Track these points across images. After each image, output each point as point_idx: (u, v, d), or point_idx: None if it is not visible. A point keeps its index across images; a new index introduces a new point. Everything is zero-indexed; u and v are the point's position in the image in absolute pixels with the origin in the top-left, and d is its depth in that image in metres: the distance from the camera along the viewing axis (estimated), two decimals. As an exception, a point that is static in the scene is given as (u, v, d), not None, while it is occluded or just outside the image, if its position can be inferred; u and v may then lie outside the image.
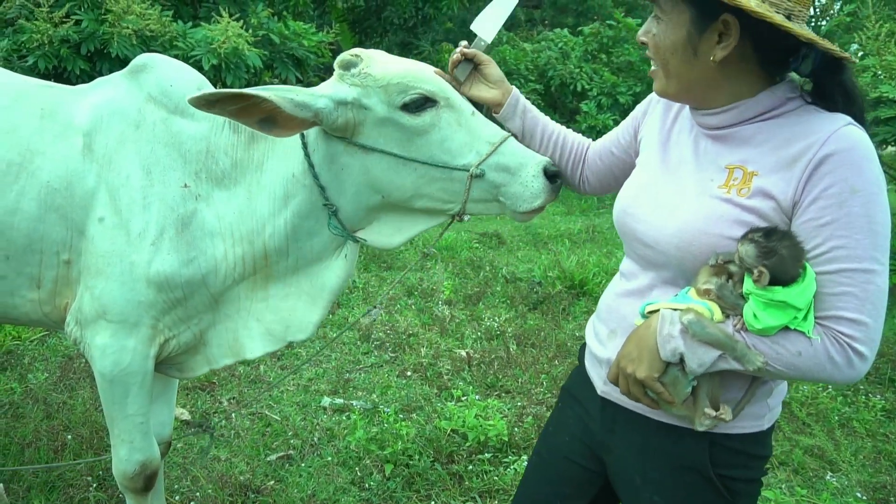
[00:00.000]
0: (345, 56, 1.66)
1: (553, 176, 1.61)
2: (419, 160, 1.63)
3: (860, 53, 6.17)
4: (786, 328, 1.15)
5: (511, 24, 14.59)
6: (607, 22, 10.73)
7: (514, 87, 1.72)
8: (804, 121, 1.22)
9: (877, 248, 1.15)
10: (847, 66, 1.24)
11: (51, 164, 1.72)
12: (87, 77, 5.94)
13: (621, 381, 1.31)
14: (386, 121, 1.62)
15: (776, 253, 1.11)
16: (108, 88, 1.83)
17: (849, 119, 1.20)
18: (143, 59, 1.86)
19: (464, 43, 1.71)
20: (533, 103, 1.76)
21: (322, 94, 1.59)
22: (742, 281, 1.17)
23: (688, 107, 1.38)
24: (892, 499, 2.79)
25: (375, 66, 1.64)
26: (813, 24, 26.12)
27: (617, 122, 9.51)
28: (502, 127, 1.69)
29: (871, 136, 3.35)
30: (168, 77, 1.81)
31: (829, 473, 2.96)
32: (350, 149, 1.65)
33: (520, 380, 3.68)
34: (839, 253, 1.13)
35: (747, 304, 1.16)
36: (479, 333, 4.32)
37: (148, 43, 5.90)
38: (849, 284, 1.13)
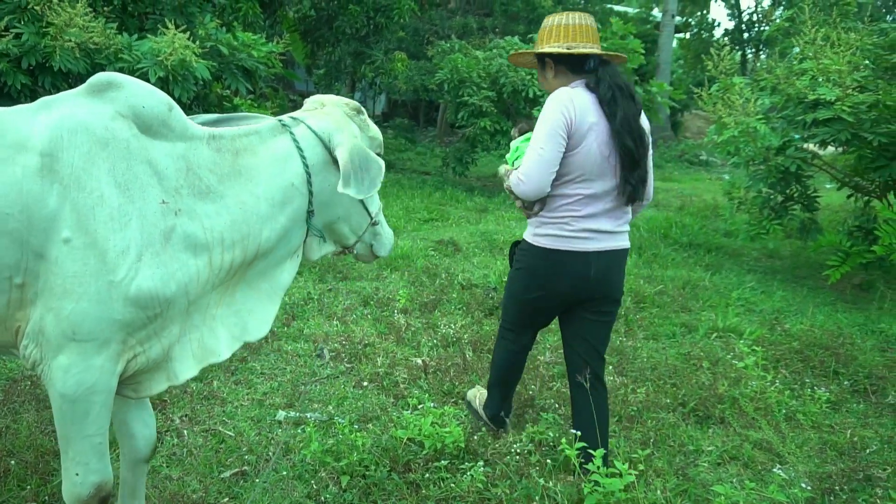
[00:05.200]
0: (357, 104, 2.25)
1: None
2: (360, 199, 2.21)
3: (800, 58, 6.37)
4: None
5: (463, 33, 14.69)
6: (557, 29, 10.88)
7: None
8: None
9: (537, 139, 2.55)
10: (600, 64, 2.64)
11: (0, 189, 1.64)
12: (28, 91, 5.78)
13: None
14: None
15: (521, 125, 3.02)
16: (65, 107, 1.77)
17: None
18: (105, 77, 1.83)
19: None
20: (486, 110, 3.77)
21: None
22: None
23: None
24: (836, 488, 2.87)
25: (369, 120, 2.28)
26: (756, 28, 26.66)
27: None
28: None
29: (811, 136, 4.33)
30: (140, 98, 1.82)
31: (778, 466, 3.04)
32: (337, 171, 2.05)
33: (476, 386, 3.69)
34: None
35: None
36: (435, 341, 4.33)
37: (92, 56, 5.78)
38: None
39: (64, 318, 1.68)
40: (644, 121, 2.69)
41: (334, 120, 2.12)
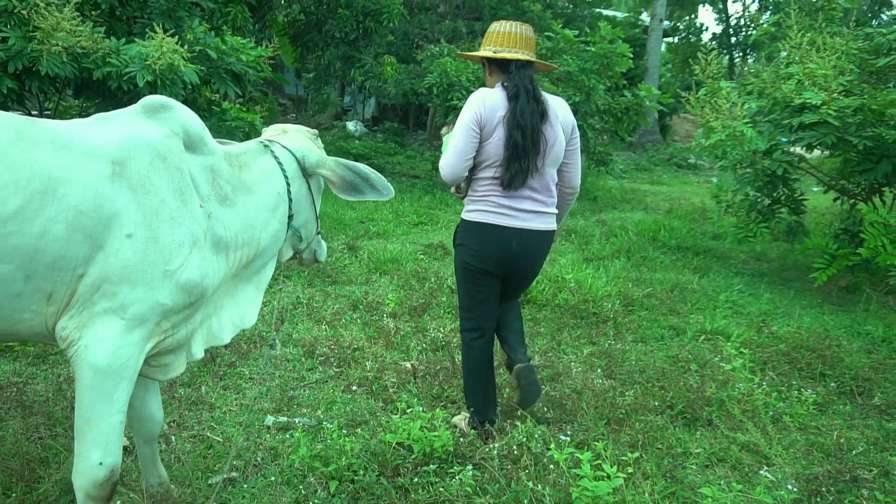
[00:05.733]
0: (315, 130, 2.74)
1: None
2: (315, 208, 2.65)
3: (786, 62, 6.43)
4: None
5: (452, 37, 14.72)
6: (546, 34, 10.89)
7: None
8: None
9: (454, 133, 2.95)
10: (518, 67, 2.99)
11: (78, 190, 1.86)
12: (15, 96, 5.75)
13: None
14: (319, 175, 2.62)
15: (450, 123, 3.23)
16: (126, 123, 2.07)
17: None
18: (157, 100, 2.15)
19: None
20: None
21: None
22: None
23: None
24: (823, 489, 2.89)
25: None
26: (743, 33, 26.81)
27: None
28: None
29: (797, 140, 4.87)
30: (187, 119, 2.17)
31: (765, 468, 3.06)
32: (304, 182, 2.56)
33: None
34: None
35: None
36: (424, 345, 4.33)
37: (80, 60, 5.75)
38: None
39: (118, 299, 1.92)
40: (560, 120, 3.04)
41: (301, 142, 2.61)
